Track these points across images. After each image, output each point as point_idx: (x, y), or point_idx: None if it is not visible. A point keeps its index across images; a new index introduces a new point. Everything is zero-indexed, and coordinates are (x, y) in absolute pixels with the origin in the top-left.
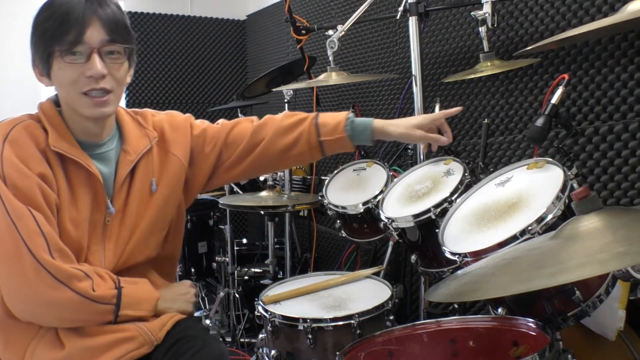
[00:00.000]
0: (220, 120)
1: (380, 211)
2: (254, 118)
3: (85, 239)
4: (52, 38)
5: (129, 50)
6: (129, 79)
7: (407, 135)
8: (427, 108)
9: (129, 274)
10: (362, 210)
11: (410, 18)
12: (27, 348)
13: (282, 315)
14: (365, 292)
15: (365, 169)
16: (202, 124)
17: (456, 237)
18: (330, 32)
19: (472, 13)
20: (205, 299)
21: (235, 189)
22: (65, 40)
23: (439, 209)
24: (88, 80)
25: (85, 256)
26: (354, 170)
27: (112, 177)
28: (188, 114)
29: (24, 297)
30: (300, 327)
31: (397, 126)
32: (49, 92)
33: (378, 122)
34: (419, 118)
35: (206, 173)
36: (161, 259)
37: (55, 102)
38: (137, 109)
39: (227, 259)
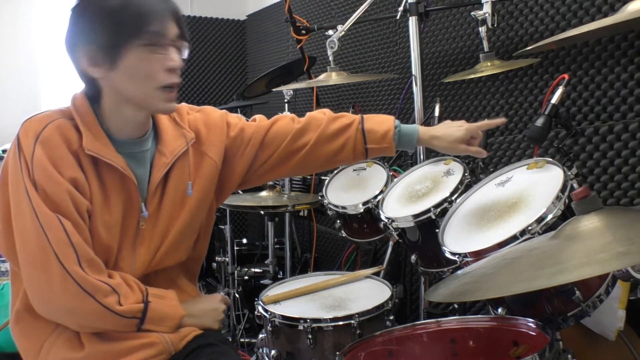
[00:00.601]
0: (257, 117)
1: (380, 211)
2: (294, 116)
3: (116, 242)
4: (133, 28)
5: (188, 49)
6: None
7: (451, 149)
8: (427, 108)
9: (158, 278)
10: (362, 210)
11: (410, 18)
12: (44, 344)
13: (282, 315)
14: (365, 292)
15: (365, 169)
16: (239, 121)
17: (456, 237)
18: (330, 32)
19: (472, 13)
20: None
21: None
22: (149, 31)
23: (439, 209)
24: (168, 74)
25: (115, 261)
26: (354, 170)
27: (146, 179)
28: (224, 111)
29: (48, 301)
30: (300, 327)
31: (441, 140)
32: (49, 94)
33: (423, 134)
34: (461, 131)
35: (240, 174)
36: (189, 261)
37: (89, 96)
38: (179, 105)
39: (227, 259)
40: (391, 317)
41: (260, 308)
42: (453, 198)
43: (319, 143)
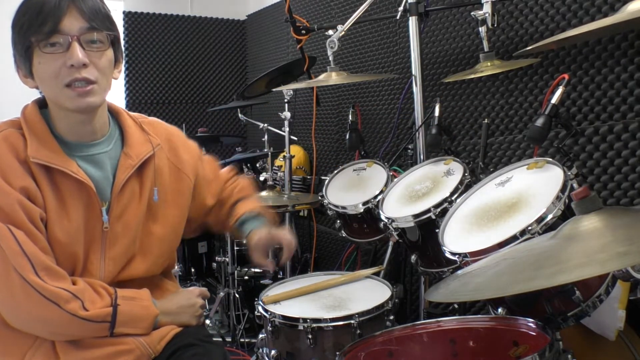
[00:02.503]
0: (224, 173)
1: (380, 211)
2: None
3: (81, 249)
4: (29, 30)
5: (111, 37)
6: (117, 74)
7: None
8: (427, 108)
9: (133, 283)
10: (362, 210)
11: (410, 18)
12: (24, 358)
13: (282, 315)
14: (365, 292)
15: (365, 169)
16: (213, 166)
17: (456, 237)
18: (330, 32)
19: (472, 13)
20: (205, 299)
21: None
22: (42, 31)
23: (439, 209)
24: (69, 71)
25: (83, 266)
26: (354, 170)
27: (108, 182)
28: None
29: (15, 311)
30: (300, 327)
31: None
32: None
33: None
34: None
35: (199, 214)
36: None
37: (40, 103)
38: (145, 116)
39: (227, 259)
40: (391, 317)
41: (260, 308)
42: (453, 198)
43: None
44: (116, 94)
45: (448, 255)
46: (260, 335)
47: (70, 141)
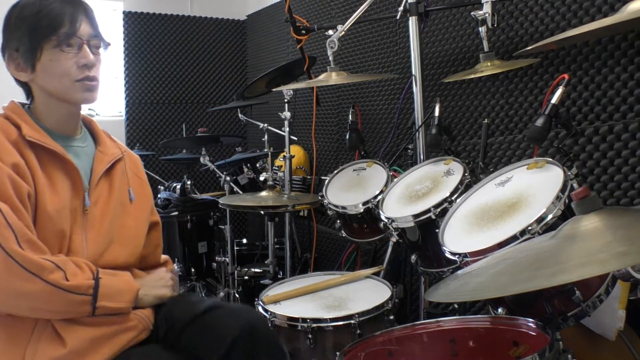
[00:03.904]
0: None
1: (380, 211)
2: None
3: (67, 225)
4: (46, 31)
5: (107, 46)
6: None
7: None
8: (427, 108)
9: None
10: (362, 210)
11: (410, 18)
12: (28, 345)
13: (282, 315)
14: (365, 292)
15: (365, 169)
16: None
17: (456, 237)
18: (330, 32)
19: (472, 13)
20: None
21: (235, 189)
22: (60, 33)
23: (439, 209)
24: (81, 69)
25: (69, 245)
26: (354, 170)
27: (86, 173)
28: None
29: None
30: (300, 327)
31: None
32: None
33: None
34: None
35: None
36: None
37: (22, 102)
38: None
39: (227, 259)
40: (391, 317)
41: (260, 308)
42: (453, 198)
43: None
44: (116, 94)
45: (448, 255)
46: None
47: (55, 133)
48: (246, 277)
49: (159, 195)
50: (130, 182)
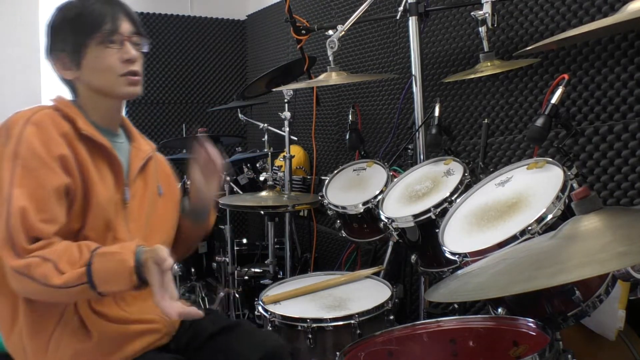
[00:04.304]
0: None
1: (380, 211)
2: None
3: (112, 216)
4: (90, 30)
5: (147, 43)
6: None
7: None
8: (427, 108)
9: None
10: (362, 210)
11: (410, 18)
12: (53, 334)
13: (282, 315)
14: (365, 292)
15: (365, 169)
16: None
17: (456, 237)
18: (330, 32)
19: (472, 13)
20: (205, 299)
21: (235, 189)
22: (103, 31)
23: (439, 209)
24: (125, 64)
25: (114, 234)
26: (354, 170)
27: (126, 168)
28: None
29: (11, 281)
30: (300, 327)
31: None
32: (50, 95)
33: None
34: None
35: None
36: None
37: (69, 97)
38: None
39: (227, 259)
40: (391, 317)
41: (260, 308)
42: (453, 198)
43: None
44: None
45: (448, 255)
46: None
47: (102, 127)
48: (246, 277)
49: None
50: (160, 177)
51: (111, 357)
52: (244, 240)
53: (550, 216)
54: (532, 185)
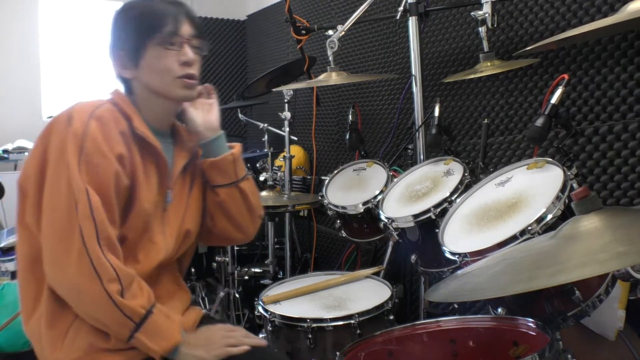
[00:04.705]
0: None
1: (380, 211)
2: None
3: (152, 218)
4: (150, 30)
5: (207, 46)
6: None
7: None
8: (427, 108)
9: (167, 273)
10: (362, 210)
11: (410, 18)
12: (70, 329)
13: (282, 315)
14: (365, 292)
15: (365, 169)
16: None
17: (456, 237)
18: (330, 32)
19: (472, 13)
20: (206, 299)
21: None
22: (164, 32)
23: (439, 209)
24: (182, 67)
25: (150, 236)
26: (354, 170)
27: (170, 169)
28: None
29: (60, 272)
30: (300, 327)
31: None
32: (50, 96)
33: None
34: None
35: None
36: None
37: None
38: None
39: (227, 259)
40: (391, 317)
41: (260, 308)
42: (453, 198)
43: None
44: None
45: (448, 255)
46: (261, 335)
47: (154, 127)
48: (246, 277)
49: None
50: (195, 180)
51: (126, 354)
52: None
53: (550, 216)
54: (532, 185)
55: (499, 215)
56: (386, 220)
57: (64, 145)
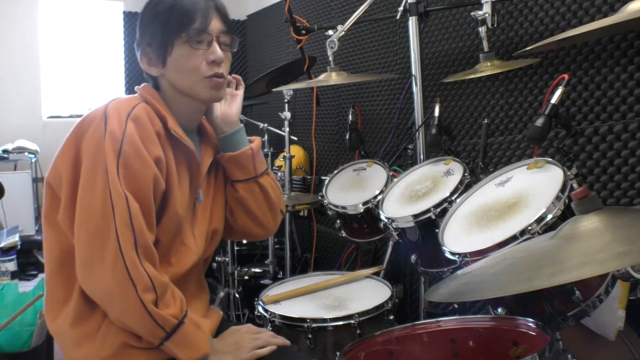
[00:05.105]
0: None
1: (380, 211)
2: None
3: (184, 219)
4: (177, 27)
5: (236, 42)
6: None
7: None
8: (427, 108)
9: (192, 276)
10: (362, 210)
11: (410, 18)
12: (101, 326)
13: (282, 315)
14: (365, 292)
15: (365, 169)
16: None
17: (456, 237)
18: (330, 32)
19: (472, 13)
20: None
21: None
22: (192, 29)
23: (439, 209)
24: (210, 66)
25: (182, 238)
26: (354, 170)
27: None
28: None
29: (94, 278)
30: (300, 327)
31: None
32: (50, 96)
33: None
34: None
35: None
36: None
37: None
38: None
39: (227, 259)
40: (391, 317)
41: (260, 308)
42: (453, 198)
43: None
44: (116, 94)
45: (448, 255)
46: None
47: (183, 126)
48: (246, 277)
49: None
50: (218, 179)
51: (157, 354)
52: (244, 240)
53: (550, 216)
54: (532, 185)
55: (499, 215)
56: (386, 220)
57: (100, 147)
